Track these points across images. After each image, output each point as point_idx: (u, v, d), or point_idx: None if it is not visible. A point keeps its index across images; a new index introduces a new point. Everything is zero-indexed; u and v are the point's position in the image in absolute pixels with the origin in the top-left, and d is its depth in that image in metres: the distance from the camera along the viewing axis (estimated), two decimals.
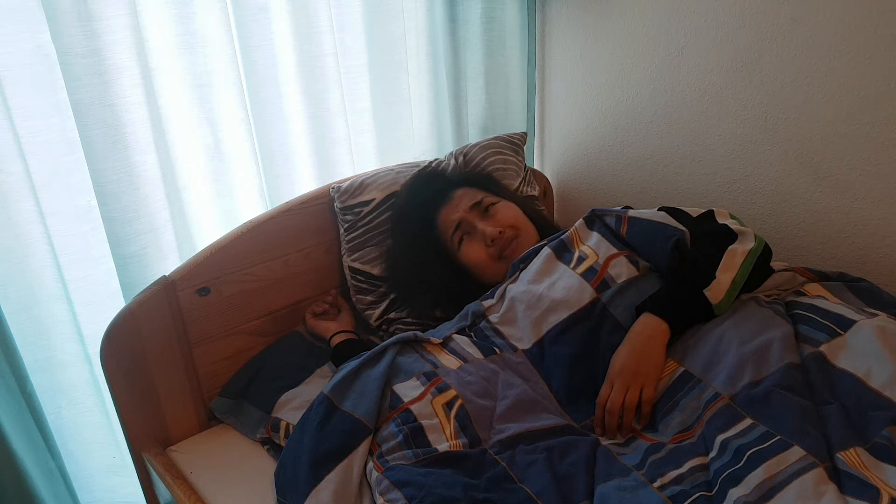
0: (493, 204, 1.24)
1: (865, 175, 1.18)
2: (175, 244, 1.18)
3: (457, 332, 1.11)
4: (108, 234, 1.11)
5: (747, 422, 0.84)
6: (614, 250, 1.09)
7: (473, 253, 1.21)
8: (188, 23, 1.13)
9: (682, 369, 0.95)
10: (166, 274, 1.11)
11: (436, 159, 1.39)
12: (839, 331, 0.93)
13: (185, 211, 1.22)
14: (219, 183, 1.25)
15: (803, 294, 1.05)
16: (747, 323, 0.96)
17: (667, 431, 0.92)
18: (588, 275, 1.07)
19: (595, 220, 1.15)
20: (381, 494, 0.86)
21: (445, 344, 1.07)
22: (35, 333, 1.13)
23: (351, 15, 1.35)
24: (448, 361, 1.03)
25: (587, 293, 1.05)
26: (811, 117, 1.21)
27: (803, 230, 1.29)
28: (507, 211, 1.25)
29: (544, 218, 1.37)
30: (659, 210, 1.15)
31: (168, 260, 1.17)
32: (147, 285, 1.09)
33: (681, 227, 1.08)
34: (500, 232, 1.19)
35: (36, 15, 0.98)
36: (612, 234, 1.12)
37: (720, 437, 0.84)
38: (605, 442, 0.95)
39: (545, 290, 1.08)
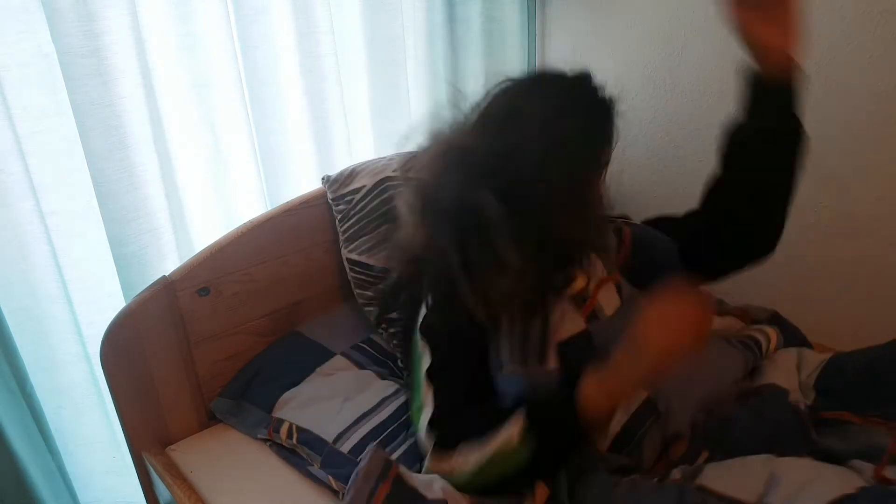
0: None
1: (865, 175, 1.18)
2: (175, 244, 1.19)
3: None
4: (108, 234, 1.11)
5: (704, 455, 0.89)
6: (605, 273, 1.00)
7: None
8: (188, 23, 1.13)
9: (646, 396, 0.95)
10: (166, 274, 1.11)
11: None
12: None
13: (184, 211, 1.22)
14: (219, 183, 1.25)
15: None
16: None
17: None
18: (578, 300, 0.96)
19: None
20: None
21: None
22: (35, 333, 1.13)
23: (350, 15, 1.35)
24: None
25: (577, 323, 0.94)
26: (811, 117, 1.20)
27: (802, 230, 1.29)
28: None
29: None
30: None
31: (168, 260, 1.17)
32: (147, 285, 1.09)
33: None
34: None
35: (36, 15, 0.98)
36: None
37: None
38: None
39: None
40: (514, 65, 1.57)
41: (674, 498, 0.78)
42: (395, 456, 0.99)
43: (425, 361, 0.93)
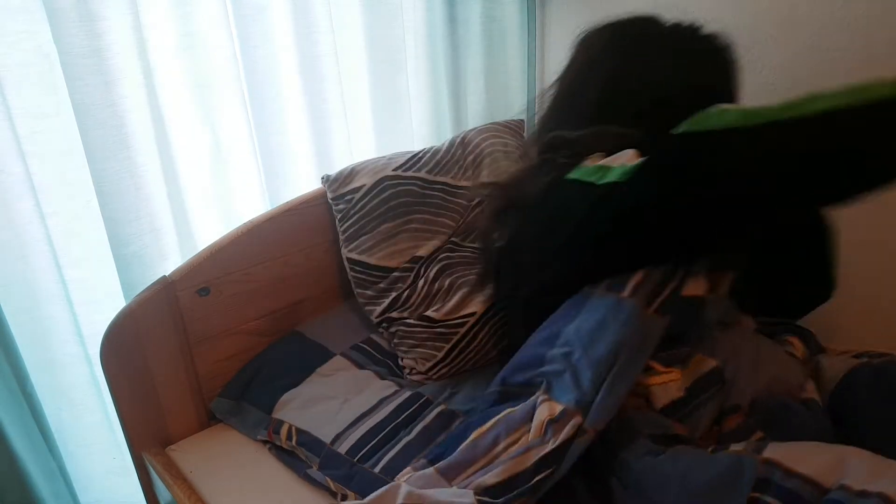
0: None
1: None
2: (176, 244, 1.19)
3: None
4: (109, 234, 1.11)
5: (758, 435, 0.86)
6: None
7: None
8: (188, 23, 1.13)
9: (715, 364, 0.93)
10: (166, 274, 1.11)
11: (431, 147, 1.39)
12: None
13: (185, 211, 1.22)
14: (219, 183, 1.25)
15: None
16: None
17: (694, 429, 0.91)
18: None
19: None
20: None
21: None
22: (35, 334, 1.13)
23: (350, 15, 1.35)
24: None
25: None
26: None
27: None
28: None
29: None
30: None
31: (169, 260, 1.17)
32: (147, 285, 1.09)
33: None
34: None
35: (36, 15, 0.98)
36: None
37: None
38: None
39: None
40: (514, 64, 1.57)
41: (729, 467, 0.73)
42: (390, 455, 0.99)
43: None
